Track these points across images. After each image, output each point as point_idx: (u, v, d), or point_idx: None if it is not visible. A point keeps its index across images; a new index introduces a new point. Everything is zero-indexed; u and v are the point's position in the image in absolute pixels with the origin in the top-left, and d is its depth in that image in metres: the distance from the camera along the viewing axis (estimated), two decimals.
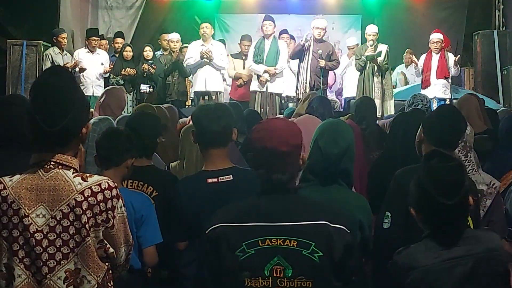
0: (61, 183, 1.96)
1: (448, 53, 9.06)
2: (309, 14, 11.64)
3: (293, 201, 2.09)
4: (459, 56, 9.17)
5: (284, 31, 9.64)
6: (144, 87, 8.86)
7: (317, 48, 8.54)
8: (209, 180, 2.78)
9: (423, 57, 9.05)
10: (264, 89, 8.52)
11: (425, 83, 8.86)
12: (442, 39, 8.92)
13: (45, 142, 1.97)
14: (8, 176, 2.01)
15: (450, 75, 8.90)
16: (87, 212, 1.95)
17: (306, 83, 8.48)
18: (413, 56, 9.68)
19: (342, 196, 2.61)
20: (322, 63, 8.47)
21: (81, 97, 2.04)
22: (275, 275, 2.00)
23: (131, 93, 9.18)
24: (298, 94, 8.50)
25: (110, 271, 2.06)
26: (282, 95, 8.82)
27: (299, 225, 2.02)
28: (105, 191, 1.98)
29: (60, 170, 1.97)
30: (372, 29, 8.96)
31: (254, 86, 8.66)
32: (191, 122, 4.69)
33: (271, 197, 2.08)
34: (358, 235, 2.59)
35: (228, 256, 2.02)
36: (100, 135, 3.09)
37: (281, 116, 6.77)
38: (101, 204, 1.97)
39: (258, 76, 8.56)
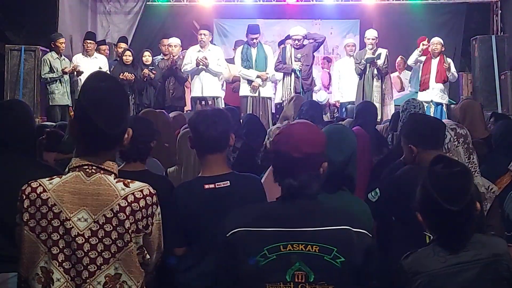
0: (105, 188, 1.96)
1: (448, 58, 9.07)
2: (308, 19, 11.65)
3: (313, 206, 2.07)
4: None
5: (288, 37, 9.57)
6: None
7: (297, 54, 8.57)
8: (206, 186, 2.76)
9: (422, 58, 9.06)
10: (256, 94, 8.55)
11: (424, 86, 8.90)
12: (442, 43, 8.93)
13: (95, 145, 1.98)
14: (46, 179, 1.99)
15: (448, 80, 8.92)
16: (130, 217, 1.96)
17: (290, 88, 8.52)
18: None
19: (345, 201, 2.59)
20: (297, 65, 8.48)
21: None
22: (296, 280, 1.98)
23: (130, 98, 9.20)
24: (283, 100, 8.48)
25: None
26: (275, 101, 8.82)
27: (321, 231, 2.00)
28: (147, 198, 2.00)
29: (102, 175, 1.98)
30: (371, 33, 8.97)
31: (245, 91, 8.66)
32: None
33: (290, 202, 2.06)
34: None
35: (248, 261, 2.00)
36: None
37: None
38: (142, 210, 1.99)
39: (249, 81, 8.56)
